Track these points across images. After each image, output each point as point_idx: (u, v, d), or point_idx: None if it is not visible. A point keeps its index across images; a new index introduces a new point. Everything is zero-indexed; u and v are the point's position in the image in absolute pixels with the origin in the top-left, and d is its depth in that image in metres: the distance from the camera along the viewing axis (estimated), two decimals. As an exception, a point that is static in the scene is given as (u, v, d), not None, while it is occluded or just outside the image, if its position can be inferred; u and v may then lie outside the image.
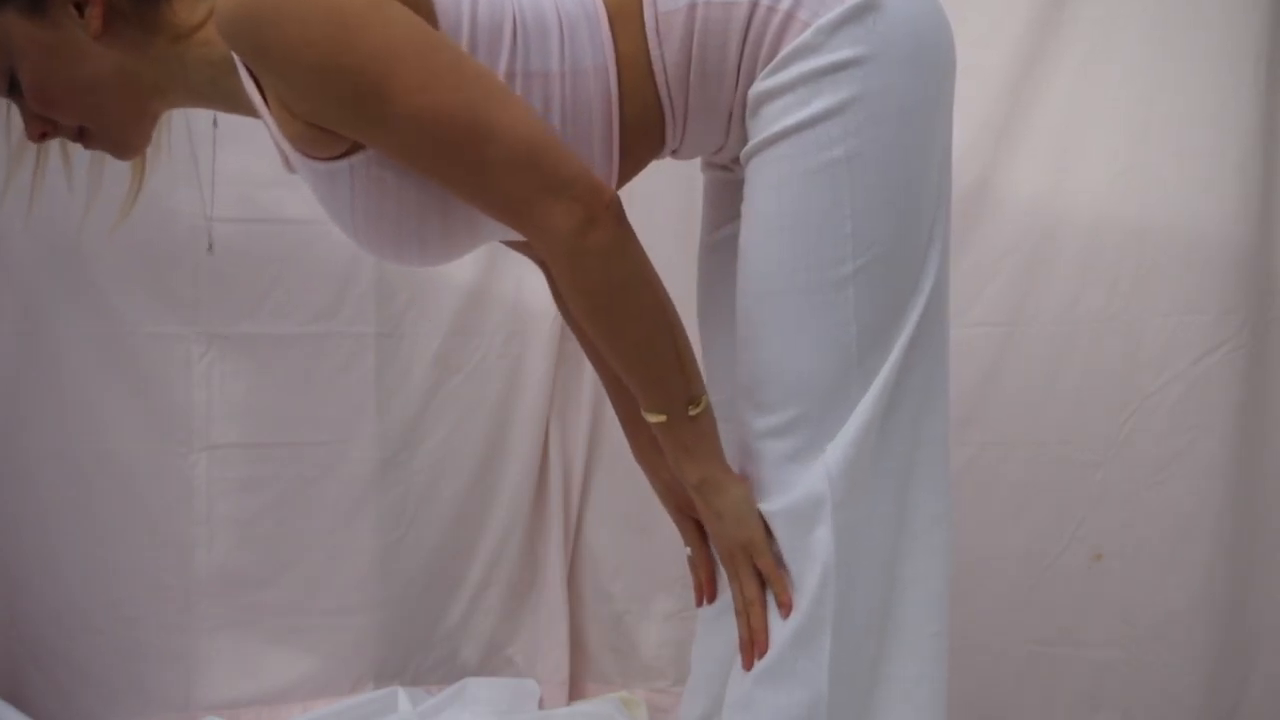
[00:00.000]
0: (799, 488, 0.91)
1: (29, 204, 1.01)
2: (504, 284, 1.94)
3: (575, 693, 1.99)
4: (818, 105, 0.89)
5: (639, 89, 0.95)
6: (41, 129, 0.96)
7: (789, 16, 0.90)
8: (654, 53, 0.94)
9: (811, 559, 0.91)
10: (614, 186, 0.99)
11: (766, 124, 0.92)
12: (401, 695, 1.88)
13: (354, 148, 0.89)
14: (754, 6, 0.91)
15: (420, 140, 0.85)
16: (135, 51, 0.93)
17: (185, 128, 1.65)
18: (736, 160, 1.01)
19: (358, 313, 1.88)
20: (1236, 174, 1.69)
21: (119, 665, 1.82)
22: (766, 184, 0.92)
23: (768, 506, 0.94)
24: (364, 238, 0.96)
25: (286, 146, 0.91)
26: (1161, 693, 1.76)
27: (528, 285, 1.91)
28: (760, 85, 0.92)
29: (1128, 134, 1.73)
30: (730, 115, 0.97)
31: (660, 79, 0.95)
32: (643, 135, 0.98)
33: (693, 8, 0.92)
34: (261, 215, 1.80)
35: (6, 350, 1.76)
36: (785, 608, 0.93)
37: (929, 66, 0.93)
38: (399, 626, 1.96)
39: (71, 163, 1.03)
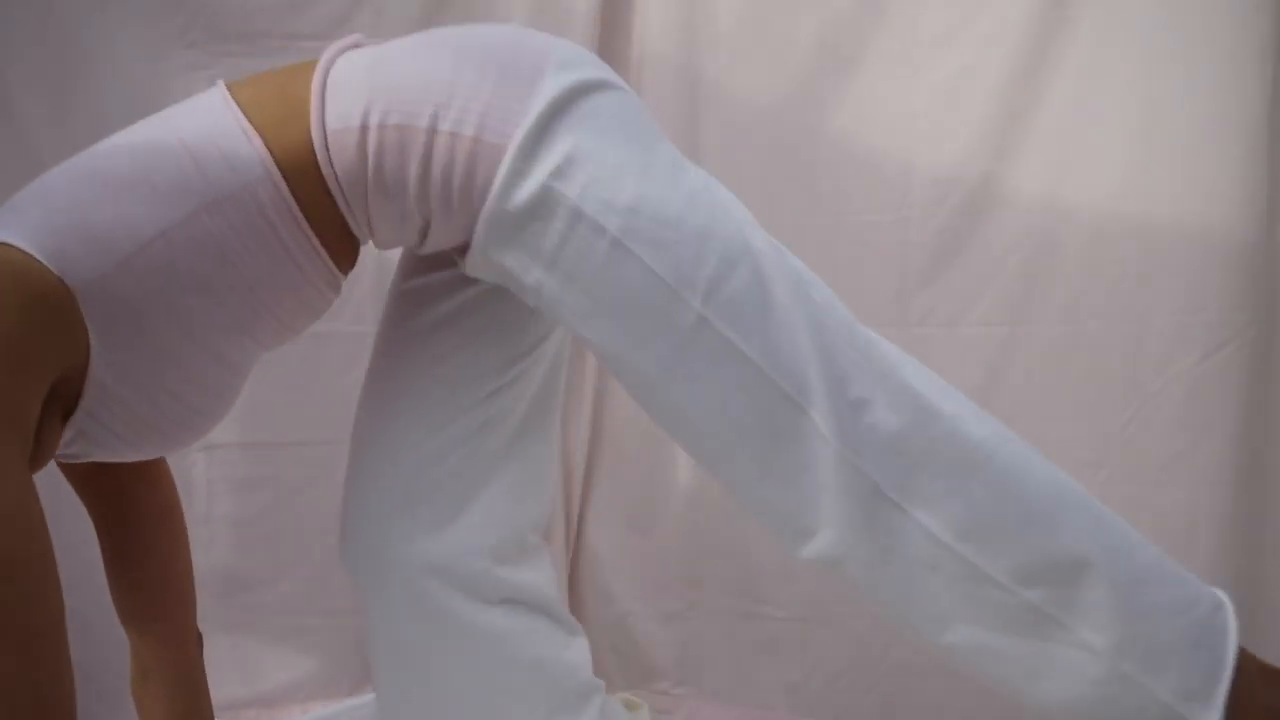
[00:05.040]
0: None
1: None
2: (504, 284, 1.94)
3: (576, 694, 1.99)
4: (559, 223, 0.90)
5: (317, 200, 0.96)
6: None
7: (476, 142, 0.90)
8: (325, 170, 0.94)
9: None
10: (345, 269, 1.02)
11: (524, 272, 0.93)
12: (401, 696, 1.88)
13: (69, 405, 0.93)
14: (433, 134, 0.91)
15: None
16: None
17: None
18: (459, 251, 1.01)
19: (358, 313, 1.88)
20: (1242, 172, 1.68)
21: (119, 665, 1.81)
22: (574, 315, 0.94)
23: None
24: (144, 448, 1.06)
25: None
26: (1165, 694, 1.75)
27: (528, 285, 1.91)
28: (492, 234, 0.93)
29: (1131, 132, 1.72)
30: (426, 228, 0.98)
31: (334, 188, 0.95)
32: (341, 232, 1.00)
33: (364, 129, 0.92)
34: (261, 215, 1.80)
35: (7, 350, 1.77)
36: None
37: (625, 115, 0.95)
38: (399, 627, 1.95)
39: None
